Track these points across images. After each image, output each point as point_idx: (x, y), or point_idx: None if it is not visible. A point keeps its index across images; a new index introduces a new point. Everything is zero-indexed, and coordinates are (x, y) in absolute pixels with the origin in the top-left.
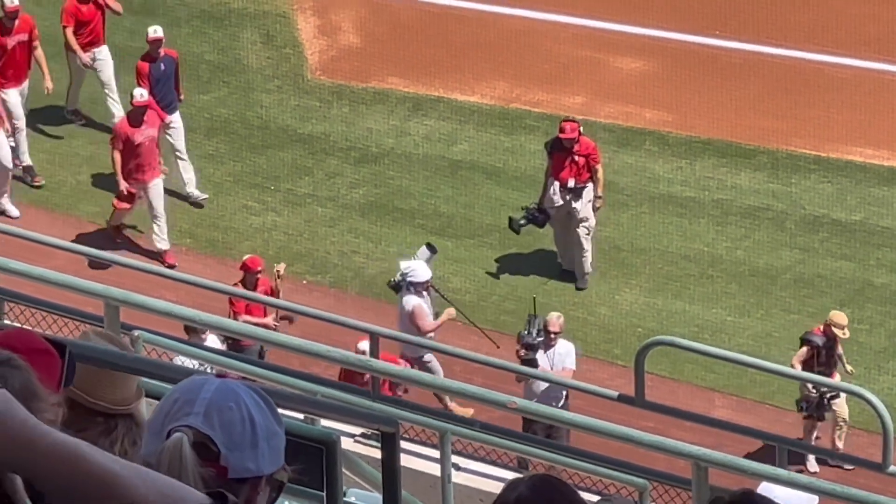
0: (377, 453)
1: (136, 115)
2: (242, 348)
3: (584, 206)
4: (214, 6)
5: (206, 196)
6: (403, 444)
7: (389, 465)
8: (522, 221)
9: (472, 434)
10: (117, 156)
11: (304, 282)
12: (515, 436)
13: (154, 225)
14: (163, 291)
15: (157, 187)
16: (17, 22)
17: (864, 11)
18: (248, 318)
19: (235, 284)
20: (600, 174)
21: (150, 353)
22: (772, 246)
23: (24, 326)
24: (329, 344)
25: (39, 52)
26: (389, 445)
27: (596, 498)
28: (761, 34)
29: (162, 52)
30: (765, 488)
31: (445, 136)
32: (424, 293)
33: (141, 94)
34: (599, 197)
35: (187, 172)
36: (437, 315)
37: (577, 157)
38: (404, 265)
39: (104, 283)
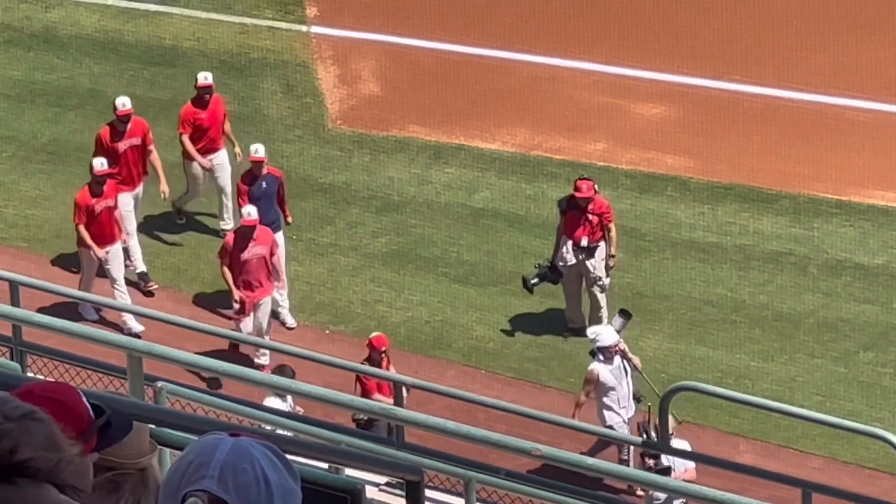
0: (402, 502)
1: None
2: (372, 424)
3: (597, 265)
4: (234, 56)
5: (295, 324)
6: (428, 493)
7: None
8: (535, 280)
9: (497, 482)
10: (225, 271)
11: (327, 331)
12: (540, 483)
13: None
14: (186, 343)
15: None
16: (129, 125)
17: (884, 55)
18: (380, 397)
19: (362, 362)
20: (613, 233)
21: (173, 404)
22: (795, 290)
23: (38, 375)
24: (352, 393)
25: (155, 156)
26: (414, 494)
27: None
28: (782, 79)
29: (265, 170)
30: None
31: (467, 183)
32: (615, 358)
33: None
34: (612, 256)
35: (282, 295)
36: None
37: (590, 216)
38: (591, 331)
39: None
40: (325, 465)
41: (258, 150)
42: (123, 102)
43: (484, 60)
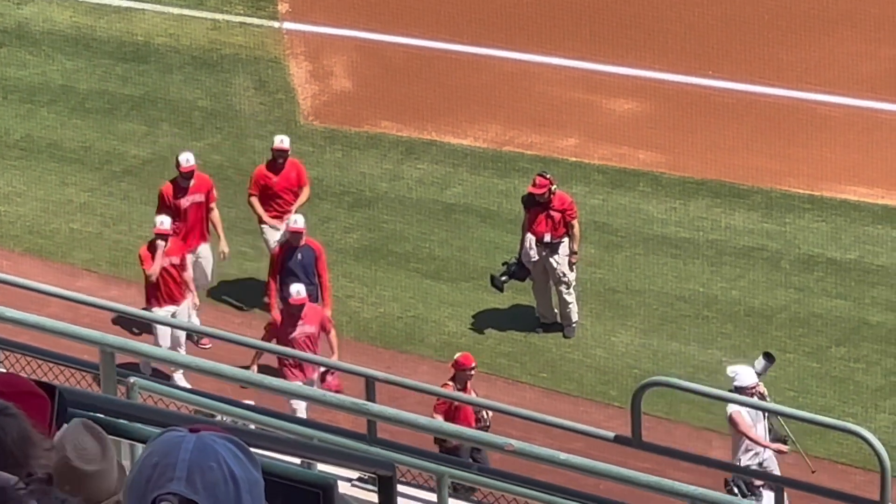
0: (374, 497)
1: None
2: (458, 449)
3: (560, 261)
4: (206, 52)
5: None
6: (400, 488)
7: None
8: (504, 278)
9: (470, 477)
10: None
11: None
12: (513, 478)
13: None
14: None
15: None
16: (192, 182)
17: (857, 50)
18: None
19: (444, 385)
20: (576, 230)
21: (145, 399)
22: (767, 286)
23: (10, 371)
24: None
25: (216, 215)
26: (386, 489)
27: None
28: (754, 74)
29: (303, 241)
30: None
31: (439, 179)
32: (753, 397)
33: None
34: (575, 252)
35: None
36: (770, 427)
37: (552, 212)
38: (731, 370)
39: (99, 331)
40: (298, 461)
41: (297, 221)
42: (187, 158)
43: (456, 56)
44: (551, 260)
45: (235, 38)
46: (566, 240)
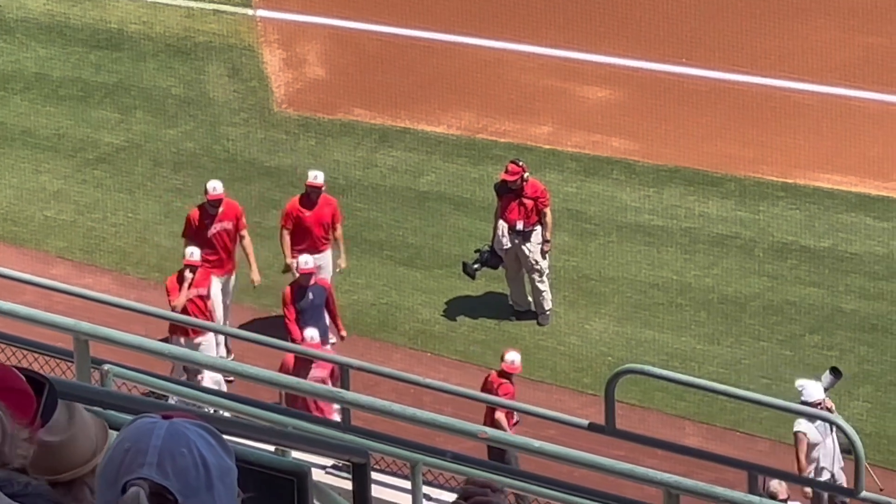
0: (348, 484)
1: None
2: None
3: (532, 249)
4: (180, 40)
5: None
6: (374, 475)
7: (361, 497)
8: (476, 266)
9: (444, 464)
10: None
11: (274, 314)
12: (487, 465)
13: None
14: (132, 325)
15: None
16: (221, 209)
17: (831, 38)
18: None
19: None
20: (549, 218)
21: (120, 386)
22: (741, 273)
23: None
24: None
25: (248, 242)
26: (360, 476)
27: None
28: (728, 62)
29: (313, 280)
30: None
31: (412, 167)
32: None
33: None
34: (548, 240)
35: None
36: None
37: (525, 200)
38: (798, 384)
39: (74, 318)
40: (272, 448)
41: (308, 262)
42: (214, 187)
43: (429, 44)
44: (524, 248)
45: (209, 25)
46: (539, 228)
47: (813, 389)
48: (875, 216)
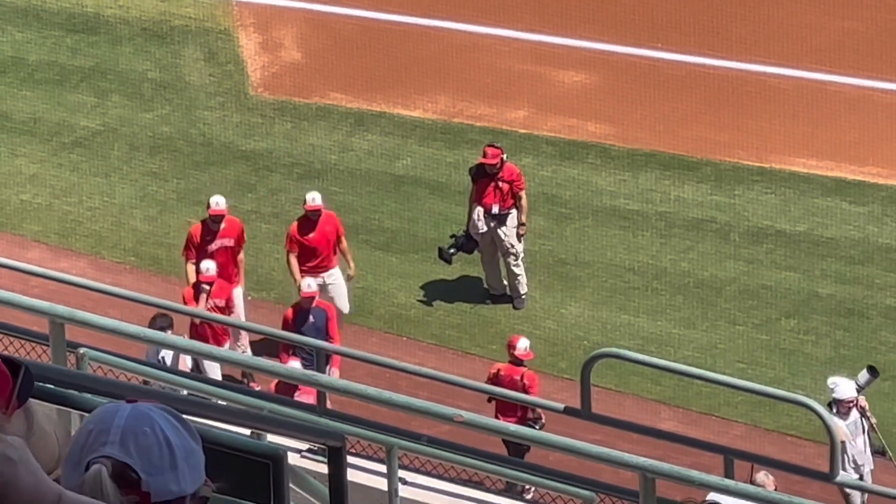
0: (324, 468)
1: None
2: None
3: (508, 233)
4: (156, 24)
5: None
6: (350, 459)
7: (336, 480)
8: (452, 251)
9: (419, 448)
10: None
11: (249, 298)
12: (462, 450)
13: None
14: (108, 309)
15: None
16: (222, 225)
17: (806, 22)
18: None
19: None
20: (524, 201)
21: (95, 370)
22: (716, 258)
23: None
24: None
25: (241, 258)
26: (336, 460)
27: None
28: (703, 46)
29: (315, 303)
30: (714, 499)
31: (388, 151)
32: (852, 413)
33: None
34: (524, 224)
35: None
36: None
37: (501, 184)
38: (831, 381)
39: (49, 302)
40: (248, 432)
41: (311, 286)
42: (217, 202)
43: (405, 28)
44: (499, 231)
45: (185, 9)
46: (514, 211)
47: (846, 388)
48: (851, 200)
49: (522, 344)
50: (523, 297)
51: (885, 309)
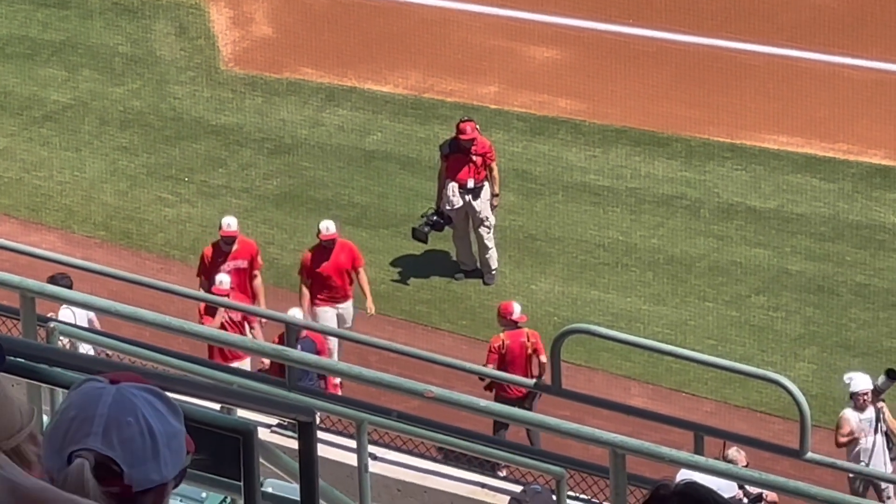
0: (294, 444)
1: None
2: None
3: (483, 206)
4: None
5: None
6: (320, 435)
7: (306, 455)
8: (427, 229)
9: (389, 423)
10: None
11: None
12: (432, 425)
13: None
14: (78, 283)
15: None
16: (234, 247)
17: None
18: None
19: (496, 337)
20: (496, 172)
21: (65, 344)
22: (687, 234)
23: None
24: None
25: (258, 282)
26: (306, 435)
27: (513, 486)
28: (674, 22)
29: (304, 333)
30: (683, 475)
31: (359, 126)
32: (868, 409)
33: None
34: (497, 195)
35: None
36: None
37: (474, 157)
38: (847, 376)
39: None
40: (218, 406)
41: (296, 314)
42: (228, 223)
43: (376, 3)
44: (474, 204)
45: None
46: (486, 184)
47: (860, 381)
48: (821, 177)
49: (517, 308)
50: (494, 272)
51: (855, 286)
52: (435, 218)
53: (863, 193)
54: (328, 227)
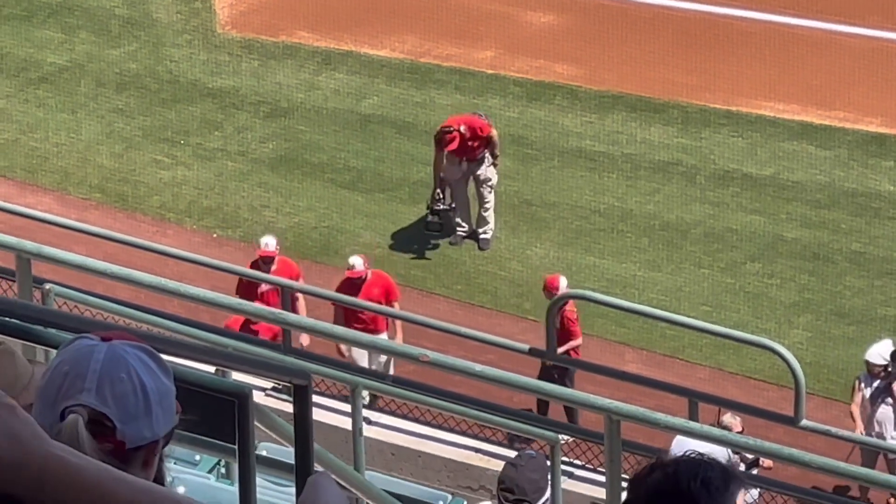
0: (289, 407)
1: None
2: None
3: (485, 169)
4: None
5: None
6: (315, 399)
7: (301, 419)
8: (436, 218)
9: (384, 388)
10: None
11: (215, 236)
12: (427, 390)
13: None
14: (73, 245)
15: None
16: (273, 267)
17: None
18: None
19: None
20: (495, 137)
21: (61, 306)
22: (682, 200)
23: None
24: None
25: (301, 305)
26: (301, 398)
27: (507, 452)
28: None
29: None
30: (679, 442)
31: (355, 90)
32: (877, 381)
33: (266, 242)
34: (497, 156)
35: None
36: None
37: (470, 143)
38: (876, 345)
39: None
40: (212, 369)
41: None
42: (266, 243)
43: None
44: (472, 167)
45: None
46: (486, 153)
47: (875, 350)
48: (817, 144)
49: (563, 281)
50: (489, 236)
51: (850, 254)
52: (440, 210)
53: (859, 161)
54: (356, 263)
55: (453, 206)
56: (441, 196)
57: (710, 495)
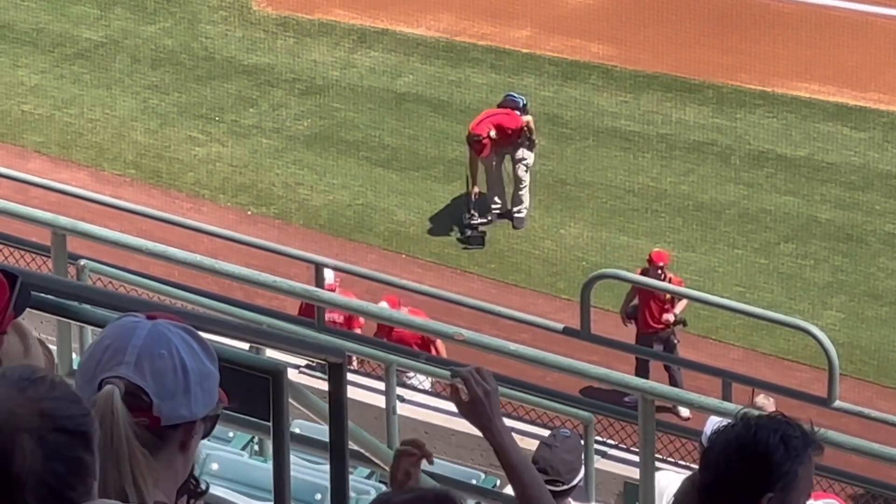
0: (323, 385)
1: None
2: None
3: (521, 151)
4: None
5: None
6: (349, 377)
7: (336, 397)
8: (475, 225)
9: (417, 366)
10: None
11: (249, 213)
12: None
13: None
14: (108, 221)
15: None
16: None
17: None
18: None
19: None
20: (530, 123)
21: (95, 282)
22: (717, 181)
23: None
24: (274, 275)
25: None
26: (336, 376)
27: (541, 431)
28: None
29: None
30: (713, 422)
31: (391, 68)
32: None
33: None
34: (533, 141)
35: None
36: None
37: (502, 142)
38: None
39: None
40: (247, 346)
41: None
42: (325, 277)
43: None
44: (514, 154)
45: None
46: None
47: None
48: (852, 126)
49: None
50: (523, 215)
51: (884, 235)
52: (480, 217)
53: (893, 143)
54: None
55: (490, 218)
56: (475, 206)
57: (787, 452)
